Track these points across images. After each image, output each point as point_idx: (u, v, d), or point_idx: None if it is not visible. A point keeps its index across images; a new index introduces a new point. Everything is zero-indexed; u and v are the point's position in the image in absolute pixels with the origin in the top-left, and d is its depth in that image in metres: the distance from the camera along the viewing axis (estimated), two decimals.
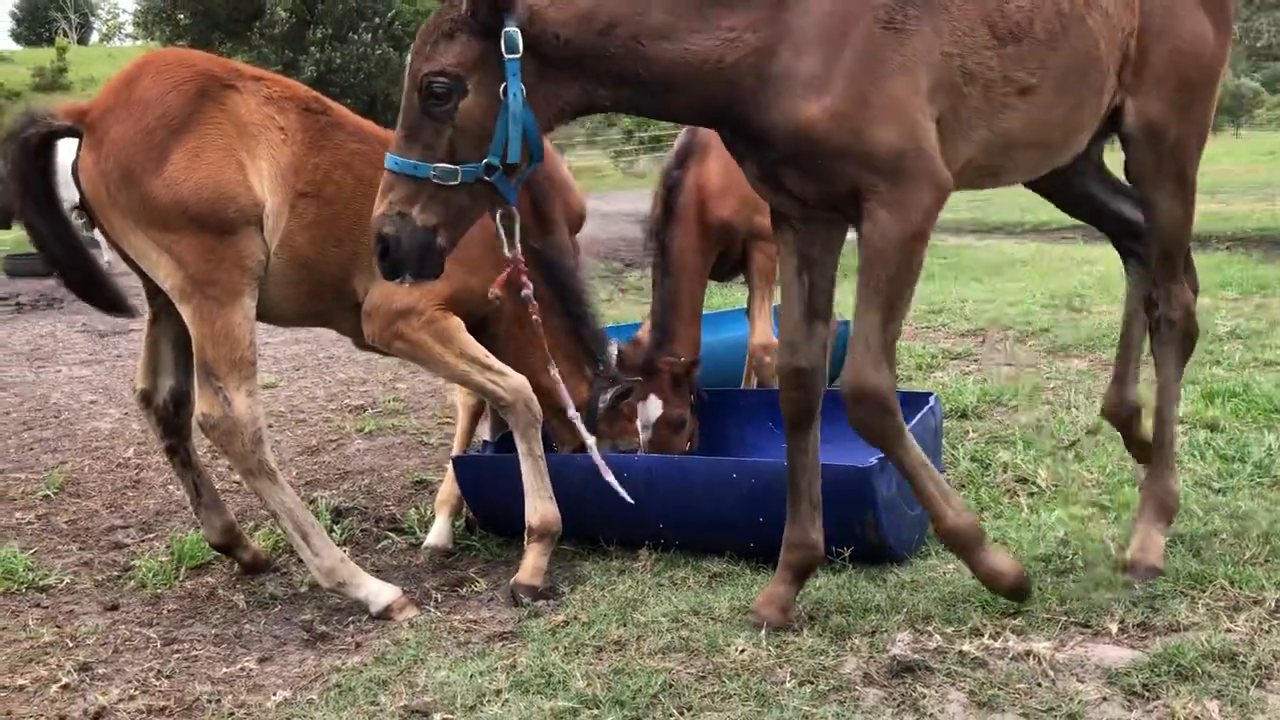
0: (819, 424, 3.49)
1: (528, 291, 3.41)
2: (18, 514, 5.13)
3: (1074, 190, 3.89)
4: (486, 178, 2.91)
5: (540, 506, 3.94)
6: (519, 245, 3.34)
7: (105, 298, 3.93)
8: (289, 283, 3.82)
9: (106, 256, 6.25)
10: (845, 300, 4.13)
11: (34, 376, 8.30)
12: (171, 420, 4.09)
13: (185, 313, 3.63)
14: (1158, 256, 3.59)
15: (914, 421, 4.21)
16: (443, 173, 2.88)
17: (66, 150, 3.73)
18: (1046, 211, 3.44)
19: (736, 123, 3.08)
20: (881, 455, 3.82)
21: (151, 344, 4.07)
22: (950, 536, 3.28)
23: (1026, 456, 5.14)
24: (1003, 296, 9.82)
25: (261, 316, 3.86)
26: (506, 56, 2.82)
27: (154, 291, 3.89)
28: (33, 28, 59.70)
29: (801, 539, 3.47)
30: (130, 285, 4.11)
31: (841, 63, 2.91)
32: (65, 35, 58.97)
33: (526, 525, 3.95)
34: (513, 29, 2.81)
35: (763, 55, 2.94)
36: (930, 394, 4.59)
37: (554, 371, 3.97)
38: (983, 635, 3.21)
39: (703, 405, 4.98)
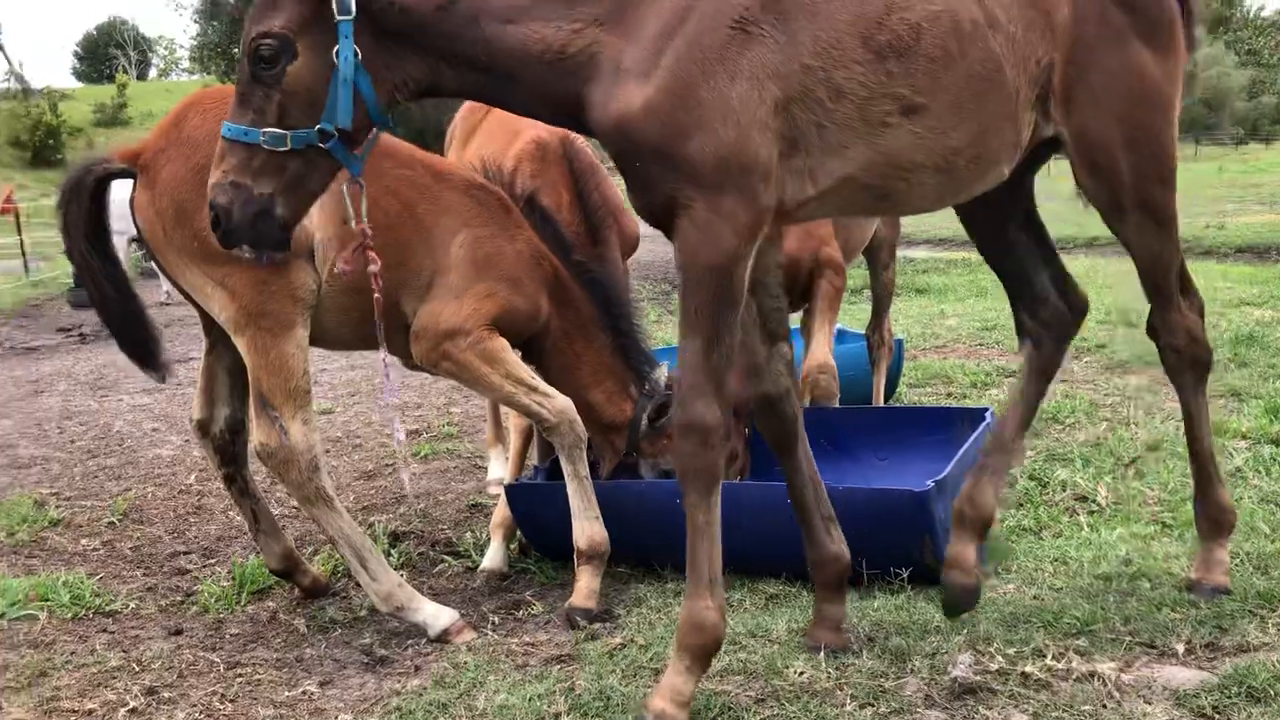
0: (805, 440, 3.40)
1: (375, 267, 3.24)
2: (84, 540, 5.23)
3: (999, 235, 3.62)
4: (321, 144, 2.82)
5: (588, 528, 3.95)
6: (366, 219, 3.18)
7: (140, 347, 4.00)
8: (340, 309, 3.88)
9: (165, 288, 6.39)
10: (906, 311, 4.11)
11: (98, 405, 8.47)
12: (228, 449, 4.16)
13: (240, 344, 3.69)
14: (1146, 288, 3.51)
15: (971, 439, 4.18)
16: (272, 138, 2.78)
17: (123, 188, 3.83)
18: (1098, 226, 3.36)
19: (576, 122, 2.95)
20: (939, 478, 3.80)
21: (208, 374, 4.15)
22: (690, 627, 2.95)
23: (1086, 474, 5.07)
24: None
25: (316, 342, 3.92)
26: (338, 18, 2.74)
27: (210, 323, 3.96)
28: (94, 65, 61.23)
29: (823, 555, 3.40)
30: (181, 319, 4.19)
31: (672, 54, 2.72)
32: (125, 72, 60.44)
33: (575, 547, 3.96)
34: None
35: (605, 47, 2.79)
36: (987, 409, 4.55)
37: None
38: (1046, 656, 3.16)
39: (756, 438, 4.95)
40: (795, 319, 5.79)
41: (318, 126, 2.80)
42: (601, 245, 4.39)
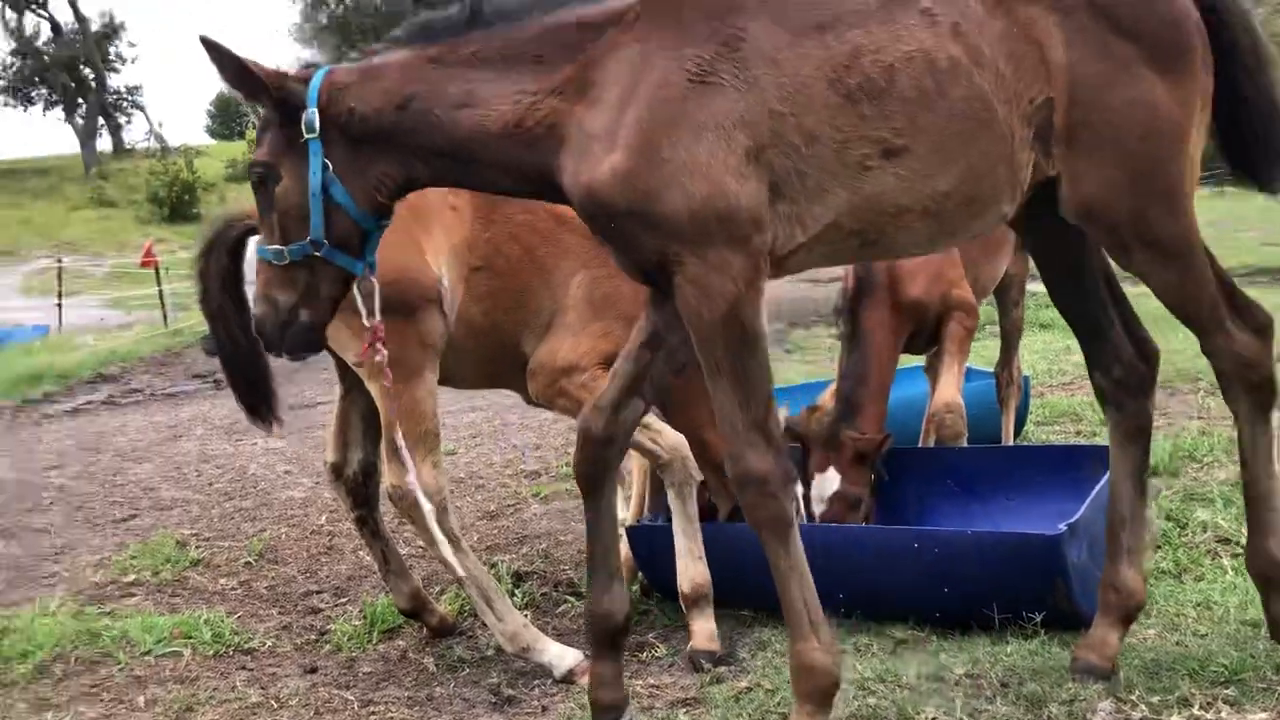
0: (614, 493, 3.33)
1: (381, 358, 3.30)
2: (222, 580, 5.43)
3: (1074, 276, 3.44)
4: (316, 254, 2.97)
5: (690, 569, 3.94)
6: (378, 314, 3.24)
7: (257, 397, 4.18)
8: (465, 350, 3.99)
9: None
10: (1030, 346, 4.02)
11: (233, 449, 8.80)
12: (361, 491, 4.28)
13: (373, 390, 3.81)
14: (1179, 320, 3.28)
15: (1103, 479, 4.06)
16: (275, 254, 2.98)
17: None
18: (1231, 255, 3.24)
19: (553, 191, 2.97)
20: (1071, 521, 3.69)
21: (342, 418, 4.28)
22: (802, 672, 2.92)
23: (1227, 515, 4.86)
24: (1190, 346, 9.33)
25: (443, 382, 4.03)
26: (305, 138, 2.93)
27: (344, 369, 4.10)
28: (226, 123, 64.09)
29: (598, 609, 3.27)
30: (307, 364, 4.33)
31: (633, 116, 2.75)
32: (254, 129, 63.05)
33: (679, 591, 3.95)
34: (310, 111, 2.91)
35: (563, 116, 2.86)
36: None
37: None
38: (1192, 705, 3.04)
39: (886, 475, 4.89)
40: (911, 359, 5.71)
41: (309, 239, 2.96)
42: None
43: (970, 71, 2.82)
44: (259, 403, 4.19)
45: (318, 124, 2.92)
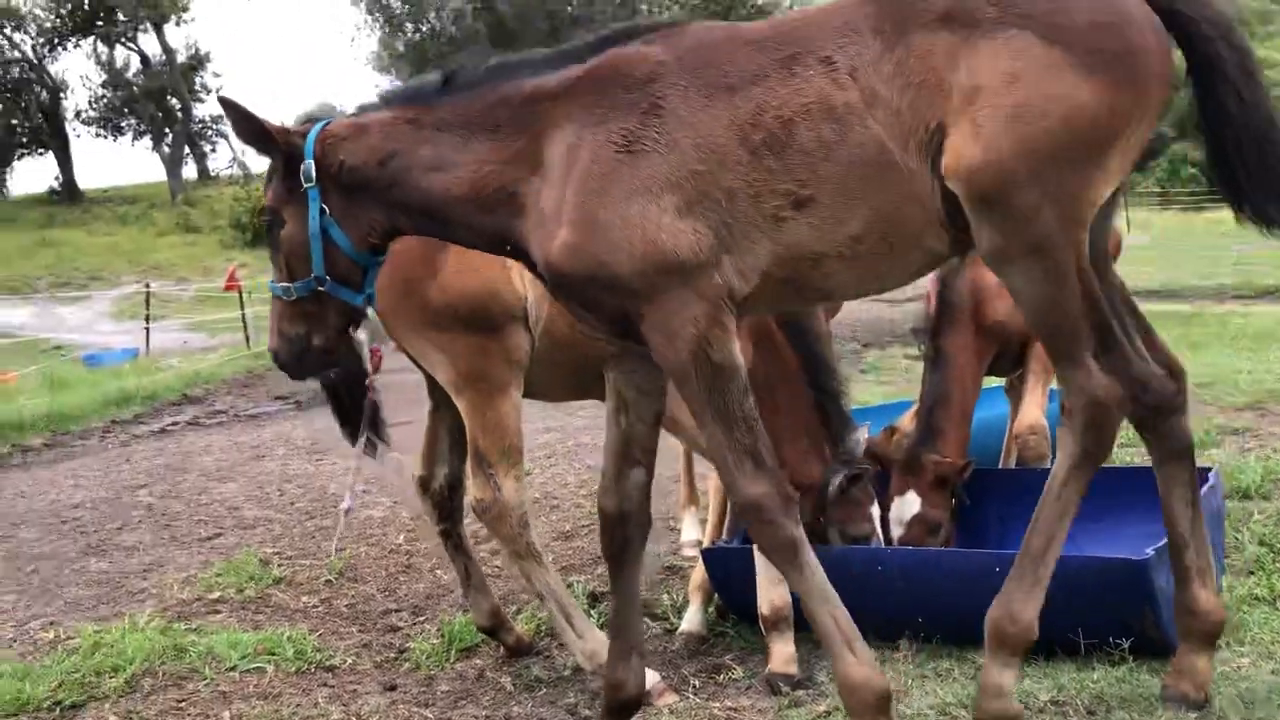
0: (640, 565, 3.44)
1: (374, 395, 3.60)
2: (304, 598, 5.52)
3: None
4: (320, 289, 3.23)
5: (769, 592, 3.91)
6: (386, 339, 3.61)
7: (352, 418, 4.35)
8: (553, 364, 4.03)
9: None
10: None
11: (313, 469, 8.96)
12: (446, 505, 4.34)
13: (460, 405, 3.88)
14: (1041, 340, 3.12)
15: None
16: (283, 290, 3.26)
17: None
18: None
19: (519, 254, 3.16)
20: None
21: (431, 433, 4.36)
22: (847, 691, 2.95)
23: None
24: None
25: (533, 395, 4.07)
26: (304, 187, 3.19)
27: (433, 385, 4.17)
28: None
29: (613, 679, 3.39)
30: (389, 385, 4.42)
31: (575, 194, 2.94)
32: None
33: (759, 614, 3.93)
34: (308, 163, 3.18)
35: (520, 186, 3.06)
36: (1210, 469, 4.29)
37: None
38: None
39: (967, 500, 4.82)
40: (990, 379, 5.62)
41: (313, 275, 3.23)
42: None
43: (865, 115, 2.83)
44: (355, 426, 4.31)
45: (314, 174, 3.19)
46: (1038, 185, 2.75)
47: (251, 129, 3.21)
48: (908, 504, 4.44)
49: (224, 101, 3.14)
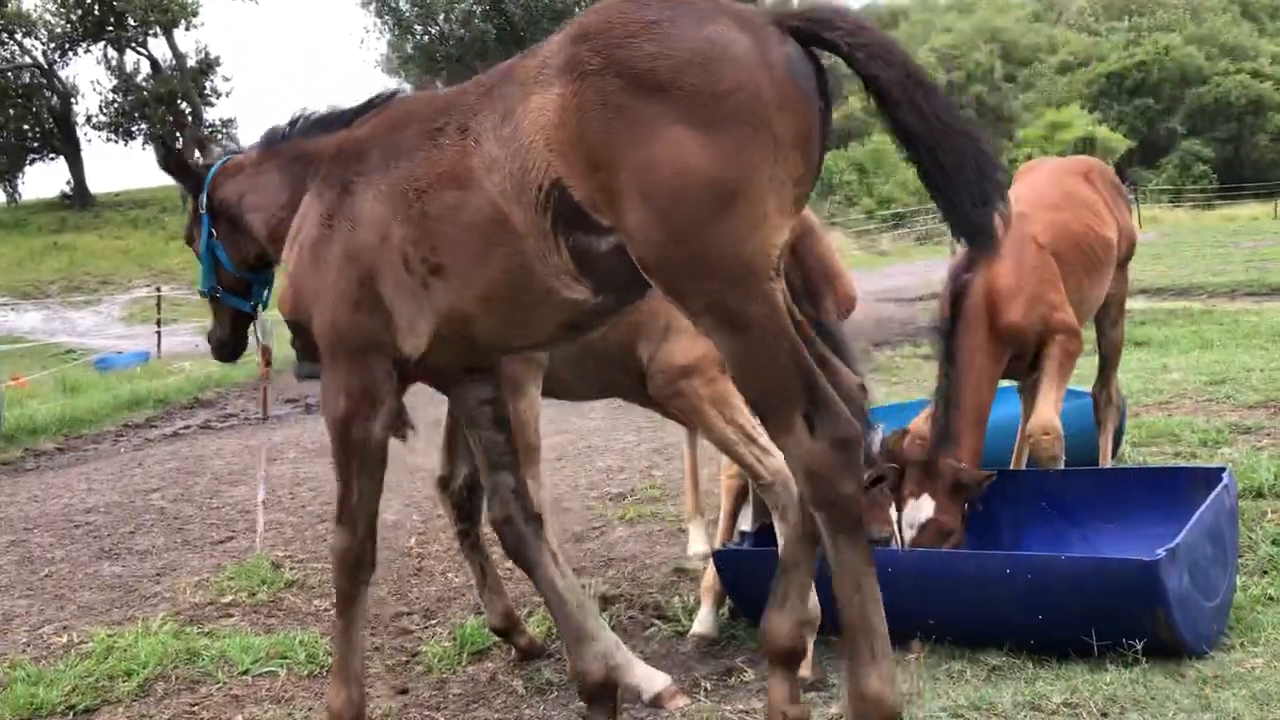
0: (551, 559, 3.60)
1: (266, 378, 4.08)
2: (315, 601, 5.53)
3: None
4: (216, 295, 4.00)
5: None
6: (270, 339, 4.36)
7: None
8: (577, 363, 4.02)
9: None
10: (1125, 365, 3.91)
11: (324, 472, 8.96)
12: (465, 505, 4.35)
13: None
14: (747, 402, 2.90)
15: (1206, 502, 3.94)
16: (200, 292, 4.10)
17: None
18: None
19: None
20: (1171, 546, 3.59)
21: (450, 433, 4.36)
22: (855, 698, 2.77)
23: None
24: None
25: (557, 395, 4.07)
26: (201, 212, 3.92)
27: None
28: None
29: (580, 668, 3.56)
30: None
31: (295, 252, 3.38)
32: None
33: None
34: (204, 195, 3.90)
35: (287, 234, 3.47)
36: (1223, 469, 4.27)
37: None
38: None
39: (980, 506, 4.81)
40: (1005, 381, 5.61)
41: (208, 285, 4.02)
42: (818, 308, 4.38)
43: (483, 180, 2.88)
44: None
45: (205, 203, 3.90)
46: (683, 248, 2.61)
47: (171, 163, 3.99)
48: (922, 508, 4.43)
49: (155, 138, 3.49)
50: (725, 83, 2.57)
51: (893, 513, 4.44)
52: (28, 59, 46.44)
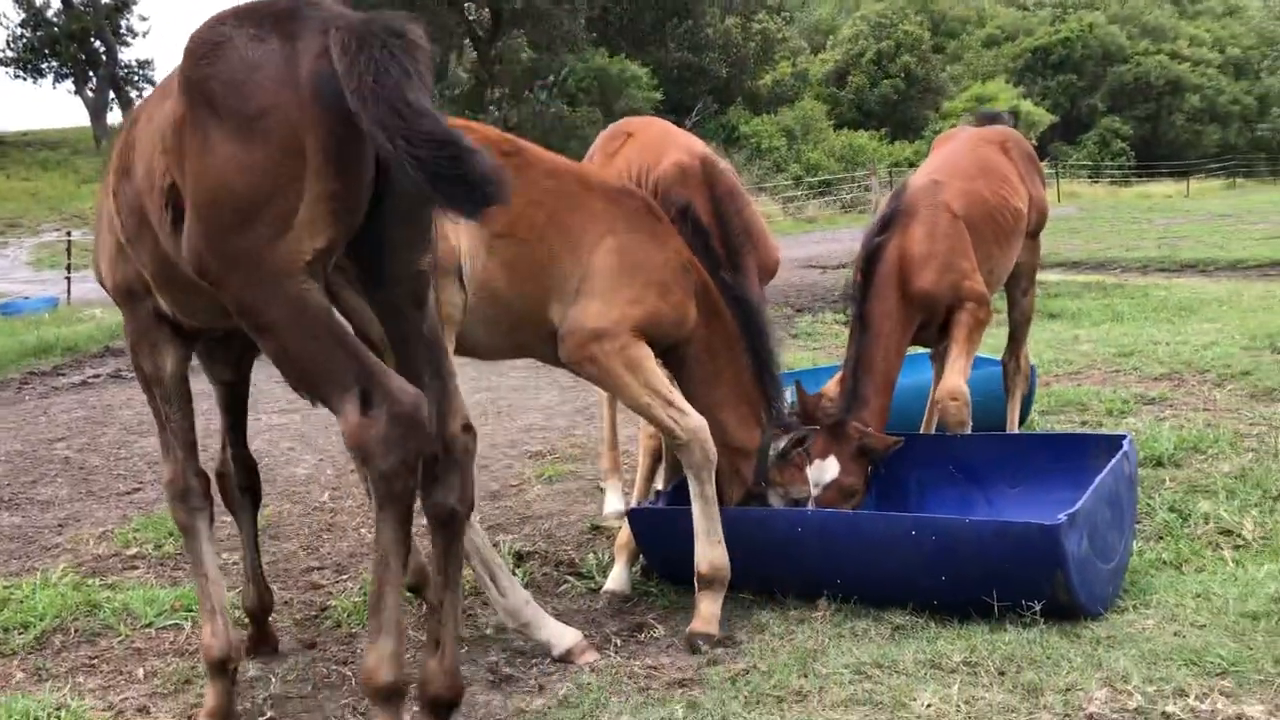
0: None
1: None
2: (224, 555, 5.43)
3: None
4: None
5: (710, 552, 3.94)
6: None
7: None
8: (489, 320, 3.93)
9: None
10: (1038, 336, 3.98)
11: None
12: None
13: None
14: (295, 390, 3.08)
15: (1107, 469, 4.05)
16: None
17: None
18: (1242, 247, 3.19)
19: None
20: (1072, 511, 3.68)
21: None
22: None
23: (1230, 507, 4.86)
24: (1198, 338, 9.34)
25: (469, 353, 4.01)
26: None
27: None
28: None
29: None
30: None
31: (101, 216, 3.53)
32: None
33: (696, 572, 3.96)
34: None
35: None
36: (1125, 436, 4.40)
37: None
38: (1188, 696, 3.04)
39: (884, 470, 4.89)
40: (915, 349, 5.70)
41: None
42: (740, 270, 4.38)
43: (135, 170, 3.11)
44: None
45: None
46: (214, 253, 2.78)
47: None
48: (827, 468, 4.49)
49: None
50: (255, 105, 2.70)
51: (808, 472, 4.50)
52: None
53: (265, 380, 10.90)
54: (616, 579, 4.55)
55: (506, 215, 3.84)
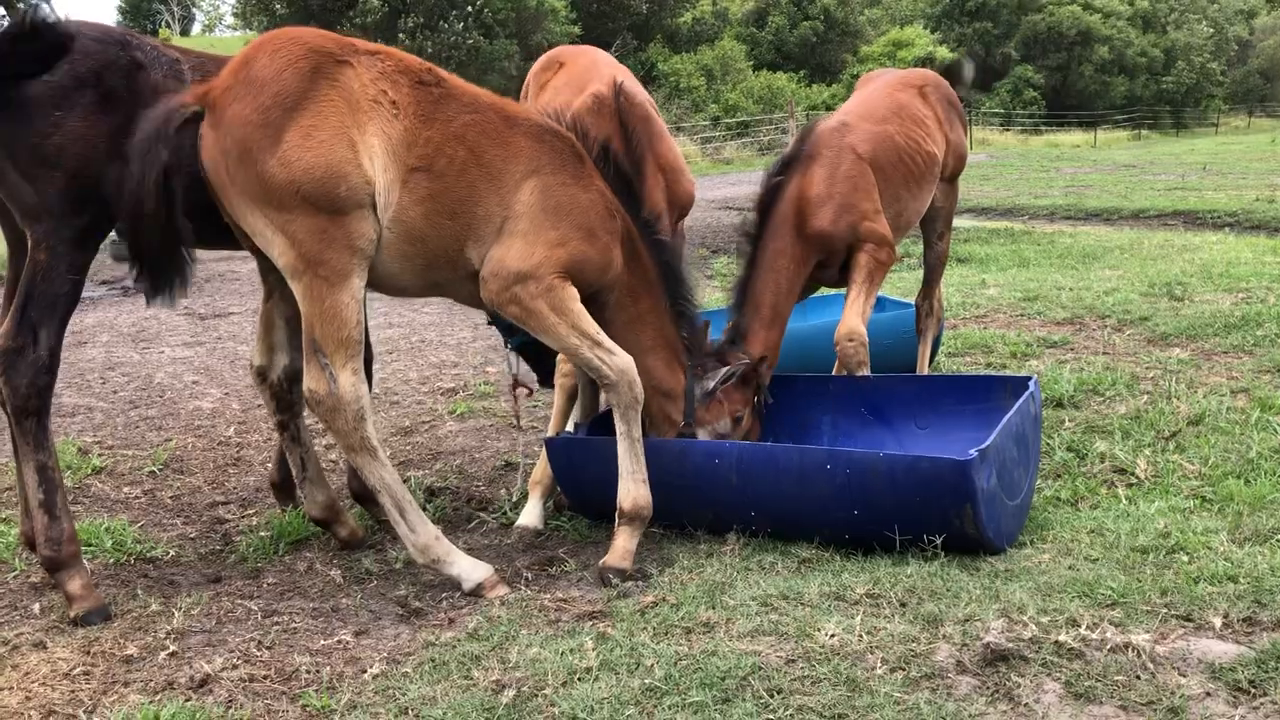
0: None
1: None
2: (125, 489, 5.32)
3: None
4: None
5: (633, 489, 3.96)
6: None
7: (163, 275, 3.75)
8: (404, 256, 3.81)
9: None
10: (946, 280, 4.03)
11: (139, 357, 8.59)
12: (285, 396, 4.19)
13: (296, 290, 3.66)
14: None
15: (1014, 408, 4.15)
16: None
17: None
18: (1145, 198, 3.25)
19: None
20: (982, 447, 3.76)
21: (266, 322, 4.16)
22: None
23: (1125, 447, 5.03)
24: (1100, 284, 9.59)
25: (380, 288, 3.92)
26: None
27: (268, 269, 3.95)
28: (137, 19, 61.48)
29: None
30: (221, 274, 4.20)
31: None
32: (168, 27, 60.69)
33: (618, 507, 3.97)
34: None
35: None
36: (1030, 378, 4.50)
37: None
38: (1079, 626, 3.15)
39: (789, 395, 4.95)
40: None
41: None
42: (644, 200, 4.35)
43: None
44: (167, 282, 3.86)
45: None
46: None
47: None
48: None
49: None
50: None
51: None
52: None
53: (169, 313, 10.63)
54: (530, 514, 4.55)
55: (425, 148, 3.74)
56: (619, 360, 3.92)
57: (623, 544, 3.95)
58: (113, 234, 4.02)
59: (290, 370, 4.16)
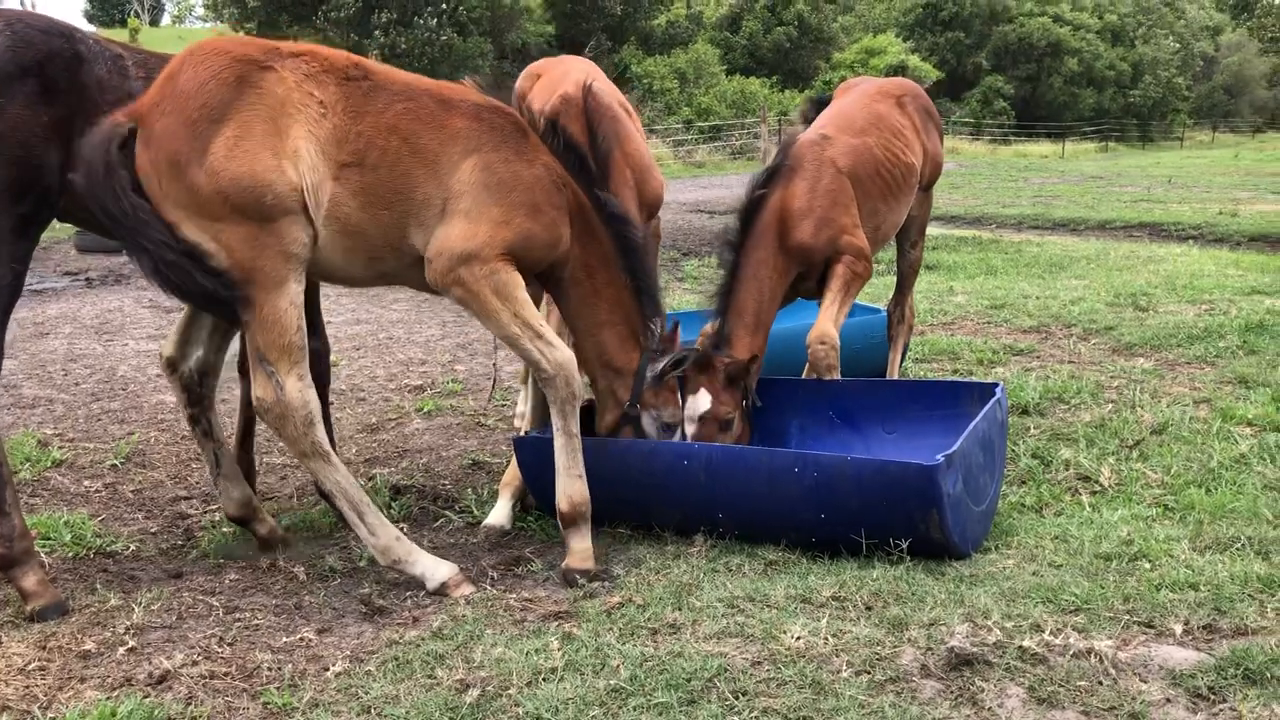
0: None
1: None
2: (86, 482, 5.24)
3: None
4: None
5: (568, 487, 3.93)
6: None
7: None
8: (346, 250, 3.79)
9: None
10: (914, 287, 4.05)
11: (102, 350, 8.48)
12: (195, 390, 4.19)
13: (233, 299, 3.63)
14: None
15: (981, 414, 4.17)
16: None
17: None
18: (1111, 209, 3.27)
19: None
20: (948, 453, 3.77)
21: (188, 317, 4.17)
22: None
23: (1089, 455, 5.07)
24: (1066, 293, 9.68)
25: (333, 281, 3.90)
26: None
27: None
28: (106, 9, 60.83)
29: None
30: None
31: None
32: (137, 17, 60.09)
33: (557, 509, 3.95)
34: None
35: None
36: (997, 384, 4.53)
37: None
38: (1043, 631, 3.17)
39: (759, 402, 4.96)
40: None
41: None
42: (606, 178, 4.33)
43: None
44: None
45: None
46: None
47: None
48: (700, 402, 4.53)
49: None
50: None
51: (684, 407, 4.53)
52: None
53: (132, 306, 10.51)
54: (497, 514, 4.53)
55: (356, 143, 3.71)
56: (558, 354, 3.90)
57: (577, 545, 3.93)
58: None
59: (202, 364, 4.18)
